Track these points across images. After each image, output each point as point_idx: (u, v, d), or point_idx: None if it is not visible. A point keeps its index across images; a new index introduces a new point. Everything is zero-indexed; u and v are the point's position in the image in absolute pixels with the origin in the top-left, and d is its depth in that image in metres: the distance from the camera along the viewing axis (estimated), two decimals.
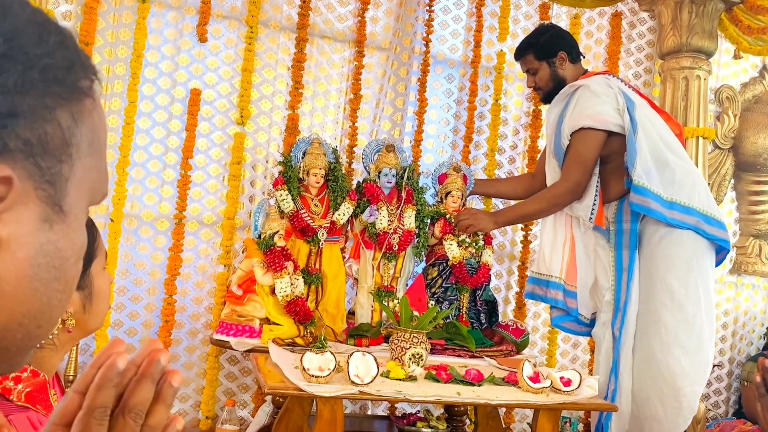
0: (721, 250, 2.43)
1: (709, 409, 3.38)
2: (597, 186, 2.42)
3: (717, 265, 2.45)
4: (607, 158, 2.43)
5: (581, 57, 2.62)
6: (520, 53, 2.61)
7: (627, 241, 2.42)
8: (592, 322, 2.56)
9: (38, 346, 0.97)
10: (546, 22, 3.08)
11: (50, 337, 0.98)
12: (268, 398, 2.51)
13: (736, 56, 3.46)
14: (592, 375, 2.37)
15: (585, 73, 2.58)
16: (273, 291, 2.32)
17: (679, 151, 2.45)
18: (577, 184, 2.39)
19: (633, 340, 2.36)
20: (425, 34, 3.06)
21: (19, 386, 0.92)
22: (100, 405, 0.54)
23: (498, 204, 3.09)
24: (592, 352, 3.24)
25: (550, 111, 2.56)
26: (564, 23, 3.31)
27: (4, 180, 0.41)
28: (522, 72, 2.72)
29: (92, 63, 0.49)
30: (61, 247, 0.46)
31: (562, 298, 2.49)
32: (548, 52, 2.53)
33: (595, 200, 2.41)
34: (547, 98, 2.59)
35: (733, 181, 3.65)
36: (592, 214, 2.41)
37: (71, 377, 2.35)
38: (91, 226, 1.06)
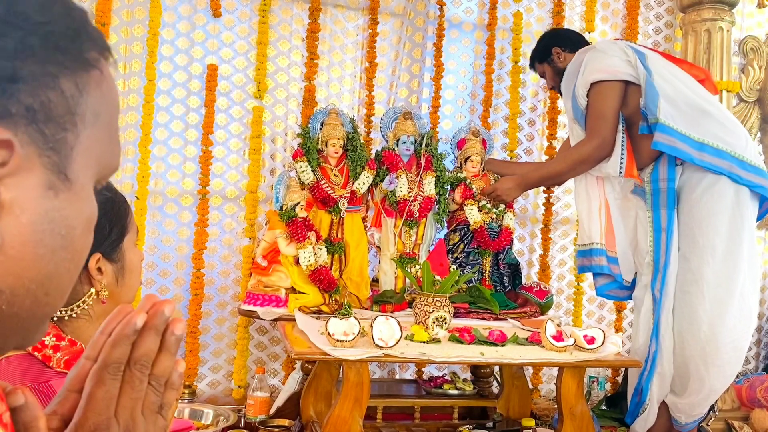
0: (764, 201, 2.35)
1: None
2: (623, 139, 2.38)
3: (760, 218, 2.39)
4: (632, 119, 2.39)
5: (581, 42, 2.67)
6: (530, 66, 2.85)
7: (664, 201, 2.36)
8: (632, 285, 2.53)
9: (57, 317, 1.02)
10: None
11: (86, 308, 1.03)
12: (298, 365, 2.57)
13: (761, 5, 3.35)
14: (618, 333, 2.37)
15: None
16: (297, 261, 2.36)
17: (708, 97, 2.40)
18: (603, 140, 2.37)
19: (673, 300, 2.33)
20: None
21: (58, 354, 0.98)
22: (115, 361, 0.56)
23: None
24: (618, 311, 3.24)
25: (566, 84, 2.55)
26: None
27: (5, 143, 0.41)
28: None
29: (105, 40, 0.49)
30: (68, 215, 0.46)
31: (606, 263, 2.46)
32: (544, 53, 2.72)
33: (622, 153, 2.37)
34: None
35: (759, 134, 3.57)
36: (621, 168, 2.37)
37: None
38: (123, 202, 1.11)
